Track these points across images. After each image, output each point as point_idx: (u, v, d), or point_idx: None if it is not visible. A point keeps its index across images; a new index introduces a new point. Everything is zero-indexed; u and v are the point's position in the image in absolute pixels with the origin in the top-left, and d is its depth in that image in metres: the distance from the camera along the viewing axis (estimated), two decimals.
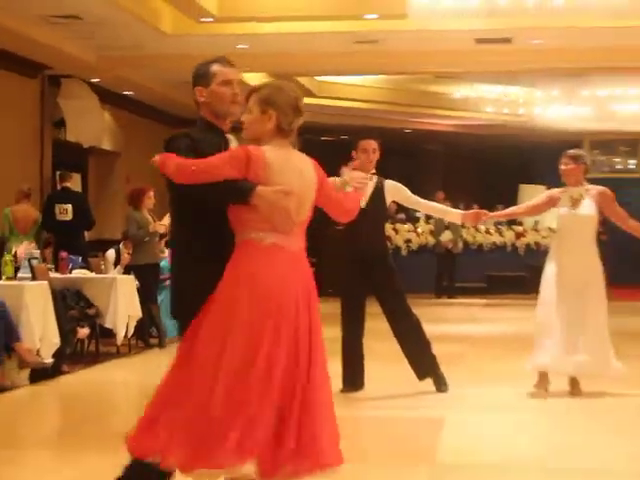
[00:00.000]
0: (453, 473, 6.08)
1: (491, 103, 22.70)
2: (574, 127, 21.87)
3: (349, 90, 21.41)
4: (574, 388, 8.68)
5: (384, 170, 8.92)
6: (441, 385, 8.59)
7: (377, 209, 8.56)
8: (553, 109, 22.13)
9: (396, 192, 8.63)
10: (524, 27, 14.78)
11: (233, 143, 4.91)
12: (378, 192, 8.55)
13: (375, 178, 8.55)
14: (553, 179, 8.88)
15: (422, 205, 9.00)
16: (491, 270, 21.93)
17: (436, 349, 8.68)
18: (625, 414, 7.99)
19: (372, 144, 8.60)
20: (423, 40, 16.06)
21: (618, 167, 25.62)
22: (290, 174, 4.57)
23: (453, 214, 9.42)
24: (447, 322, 15.29)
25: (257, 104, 4.66)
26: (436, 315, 15.37)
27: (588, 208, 8.76)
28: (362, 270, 8.59)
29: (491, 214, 9.18)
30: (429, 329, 8.84)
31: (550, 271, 8.81)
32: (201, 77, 4.91)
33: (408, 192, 8.65)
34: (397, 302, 8.62)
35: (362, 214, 8.10)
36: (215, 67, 4.92)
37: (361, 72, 20.08)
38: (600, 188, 8.93)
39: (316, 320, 4.64)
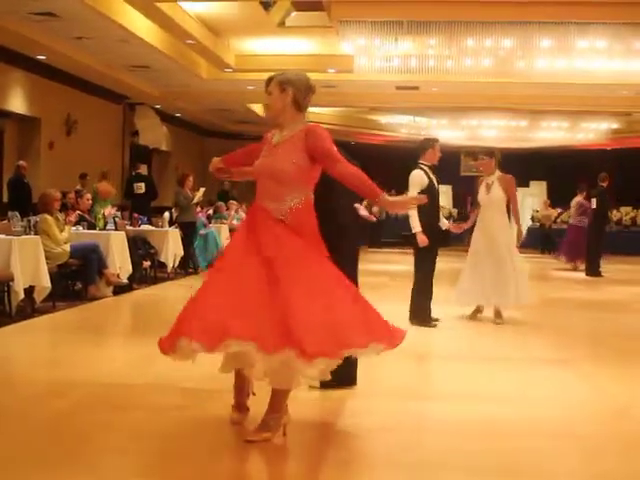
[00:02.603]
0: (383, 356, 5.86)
1: (404, 127, 22.63)
2: (455, 142, 21.84)
3: (317, 116, 21.23)
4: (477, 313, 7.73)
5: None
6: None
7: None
8: (443, 131, 22.09)
9: None
10: (426, 80, 14.67)
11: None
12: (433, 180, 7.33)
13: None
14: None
15: None
16: (404, 231, 21.77)
17: (370, 281, 8.23)
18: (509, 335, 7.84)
19: (438, 145, 7.48)
20: (363, 86, 15.99)
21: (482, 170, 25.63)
22: None
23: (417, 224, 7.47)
24: (376, 263, 15.22)
25: (276, 85, 3.84)
26: (369, 258, 15.30)
27: (496, 191, 7.48)
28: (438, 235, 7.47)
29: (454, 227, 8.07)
30: (367, 268, 8.51)
31: (474, 236, 7.66)
32: None
33: None
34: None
35: (436, 196, 7.25)
36: None
37: (324, 105, 19.89)
38: (501, 174, 7.52)
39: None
